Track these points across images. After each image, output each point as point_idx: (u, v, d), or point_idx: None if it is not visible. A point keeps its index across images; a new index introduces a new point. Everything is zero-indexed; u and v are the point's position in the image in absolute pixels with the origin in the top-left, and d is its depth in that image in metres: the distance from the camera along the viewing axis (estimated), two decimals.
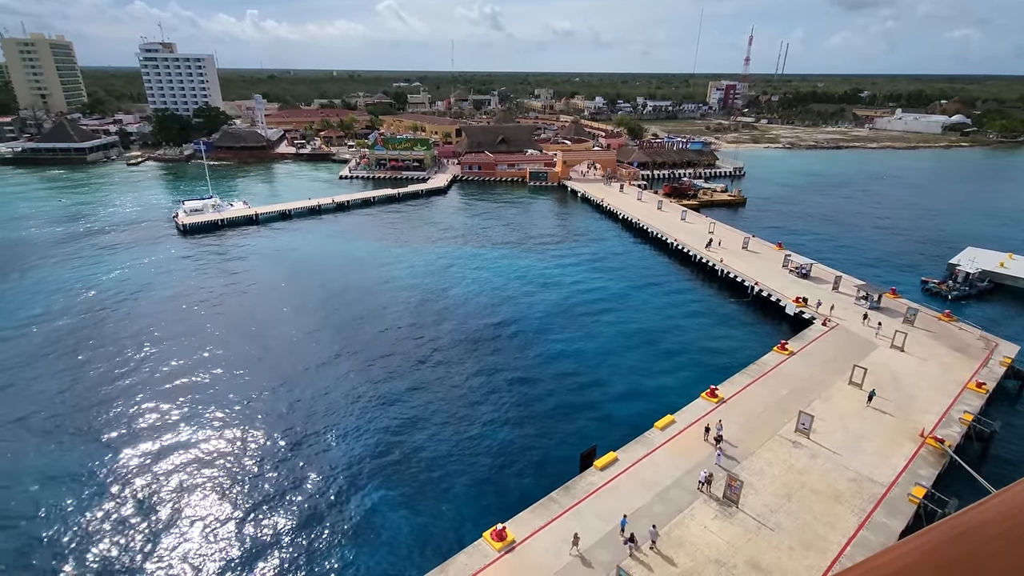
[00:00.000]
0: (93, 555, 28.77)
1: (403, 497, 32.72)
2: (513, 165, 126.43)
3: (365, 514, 31.50)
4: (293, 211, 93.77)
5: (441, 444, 37.30)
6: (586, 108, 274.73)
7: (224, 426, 39.28)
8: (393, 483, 33.80)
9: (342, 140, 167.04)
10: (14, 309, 56.74)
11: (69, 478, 33.92)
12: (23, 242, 78.02)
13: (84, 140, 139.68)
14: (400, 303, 59.36)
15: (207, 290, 62.61)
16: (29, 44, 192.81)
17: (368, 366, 46.84)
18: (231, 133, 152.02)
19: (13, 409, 40.31)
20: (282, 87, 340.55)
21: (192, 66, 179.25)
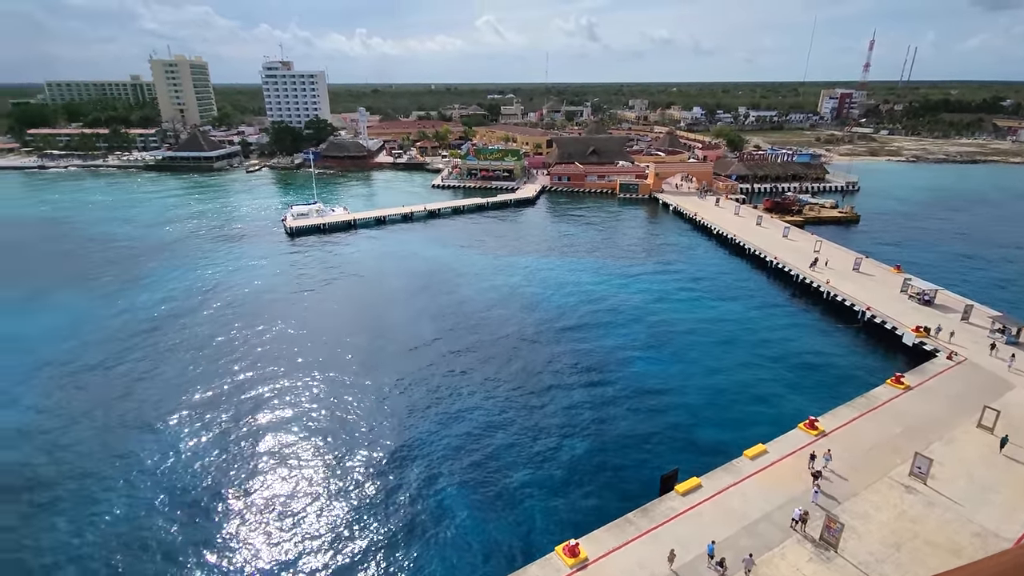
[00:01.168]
0: (180, 521, 31.34)
1: (475, 500, 32.83)
2: (603, 176, 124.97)
3: (437, 513, 31.94)
4: (387, 217, 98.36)
5: (517, 452, 37.11)
6: (682, 119, 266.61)
7: (312, 415, 41.55)
8: (467, 485, 34.03)
9: (436, 150, 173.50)
10: (150, 297, 63.74)
11: (175, 446, 37.32)
12: (160, 238, 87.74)
13: (212, 149, 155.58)
14: (482, 309, 60.16)
15: (307, 289, 66.96)
16: (173, 65, 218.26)
17: (449, 370, 47.75)
18: (336, 143, 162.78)
19: (136, 385, 45.11)
20: (384, 100, 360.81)
21: (306, 82, 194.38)
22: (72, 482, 34.51)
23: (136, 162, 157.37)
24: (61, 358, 49.40)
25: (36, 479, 34.77)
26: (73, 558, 29.12)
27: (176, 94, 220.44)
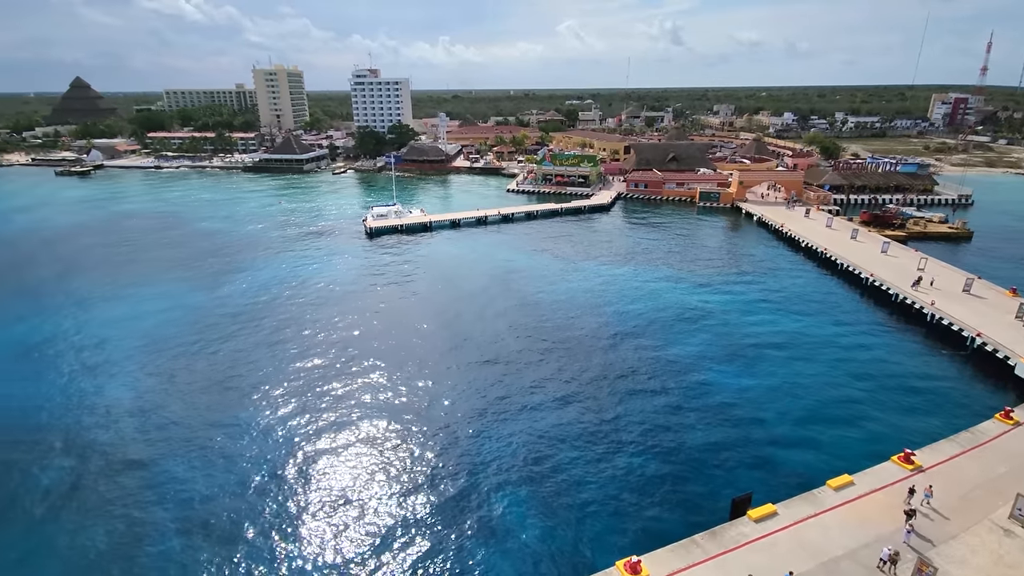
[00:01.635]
0: (252, 503, 33.12)
1: (537, 506, 32.48)
2: (682, 184, 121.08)
3: (497, 517, 31.84)
4: (462, 220, 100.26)
5: (581, 460, 36.45)
6: (771, 125, 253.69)
7: (382, 407, 42.84)
8: (528, 491, 33.75)
9: (513, 155, 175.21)
10: (242, 286, 68.52)
11: (246, 430, 39.64)
12: (252, 235, 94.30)
13: (303, 152, 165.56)
14: (553, 314, 59.78)
15: (383, 286, 69.43)
16: (272, 74, 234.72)
17: (516, 373, 47.73)
18: (416, 147, 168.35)
19: (222, 370, 48.47)
20: (463, 106, 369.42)
21: (391, 88, 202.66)
22: (160, 458, 37.48)
23: (237, 163, 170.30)
24: (162, 339, 54.04)
25: (128, 453, 38.08)
26: (149, 533, 31.58)
27: (274, 101, 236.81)
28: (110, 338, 54.73)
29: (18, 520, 32.03)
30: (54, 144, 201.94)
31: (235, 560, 29.27)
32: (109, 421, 41.36)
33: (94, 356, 51.28)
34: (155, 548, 30.02)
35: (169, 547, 30.07)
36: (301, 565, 29.04)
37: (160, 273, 74.18)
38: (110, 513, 32.46)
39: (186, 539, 30.57)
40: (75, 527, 31.47)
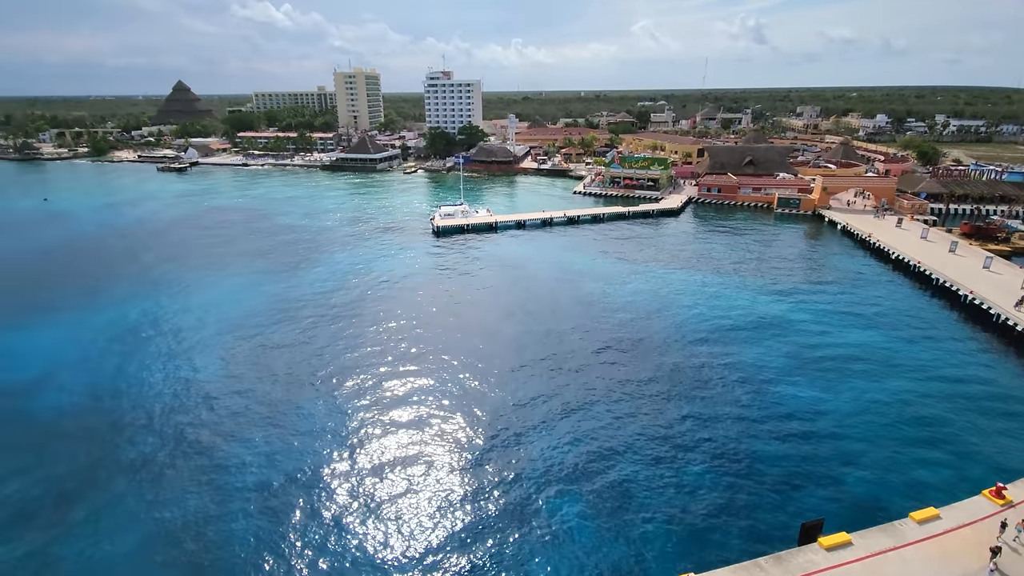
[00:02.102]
0: (310, 491, 34.38)
1: (592, 514, 31.89)
2: (759, 189, 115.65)
3: (552, 523, 31.48)
4: (527, 221, 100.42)
5: (641, 470, 35.48)
6: (861, 128, 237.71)
7: (443, 404, 43.47)
8: (587, 497, 33.19)
9: (581, 157, 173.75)
10: (316, 277, 71.84)
11: (320, 413, 41.29)
12: (327, 230, 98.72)
13: (377, 152, 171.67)
14: (616, 318, 58.63)
15: (448, 284, 70.65)
16: (351, 77, 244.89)
17: (577, 375, 47.14)
18: (485, 148, 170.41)
19: (296, 356, 50.86)
20: (533, 107, 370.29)
21: (463, 90, 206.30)
22: (235, 435, 39.78)
23: (315, 162, 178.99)
24: (244, 323, 57.49)
25: (207, 429, 40.67)
26: (221, 507, 33.50)
27: (352, 102, 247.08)
28: (199, 321, 58.88)
29: (105, 488, 34.94)
30: (157, 142, 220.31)
31: (296, 540, 30.58)
32: (192, 398, 44.44)
33: (183, 337, 55.32)
34: (225, 524, 31.86)
35: (237, 523, 31.82)
36: (355, 548, 29.93)
37: (244, 263, 79.11)
38: (185, 487, 34.78)
39: (253, 516, 32.25)
40: (154, 498, 33.94)
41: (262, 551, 29.94)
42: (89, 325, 58.27)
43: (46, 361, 50.94)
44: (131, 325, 58.36)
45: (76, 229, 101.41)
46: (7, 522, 32.31)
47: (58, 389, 46.23)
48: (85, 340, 54.82)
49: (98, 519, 32.44)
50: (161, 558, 29.71)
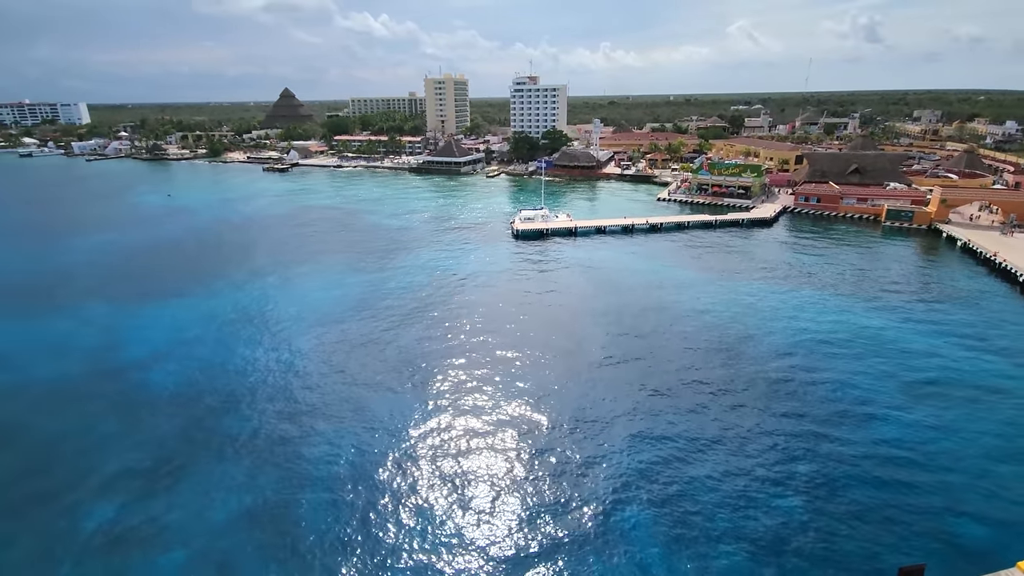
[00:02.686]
0: (377, 485, 34.68)
1: (665, 539, 30.00)
2: (865, 200, 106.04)
3: (621, 537, 30.07)
4: (608, 227, 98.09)
5: (716, 491, 33.18)
6: (989, 135, 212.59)
7: (515, 405, 42.85)
8: (657, 520, 31.31)
9: (666, 163, 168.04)
10: (398, 276, 73.93)
11: (395, 407, 41.94)
12: (412, 229, 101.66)
13: (462, 156, 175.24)
14: (694, 332, 55.44)
15: (524, 287, 70.17)
16: (441, 83, 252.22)
17: (651, 389, 44.88)
18: (568, 153, 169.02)
19: (379, 348, 52.23)
20: (619, 112, 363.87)
21: (548, 95, 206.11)
22: (322, 418, 41.27)
23: (403, 165, 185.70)
24: (333, 315, 60.08)
25: (297, 410, 42.49)
26: (305, 483, 34.65)
27: (440, 107, 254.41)
28: (294, 312, 62.28)
29: (203, 459, 37.40)
30: (264, 145, 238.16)
31: (367, 524, 31.12)
32: (284, 383, 46.95)
33: (280, 326, 58.74)
34: (300, 506, 33.08)
35: (311, 506, 32.97)
36: (417, 542, 29.89)
37: (335, 259, 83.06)
38: (270, 466, 36.52)
39: (326, 501, 33.23)
40: (243, 473, 35.99)
41: (331, 535, 30.81)
42: (200, 309, 63.46)
43: (163, 340, 55.91)
44: (235, 311, 62.80)
45: (193, 222, 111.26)
46: (117, 480, 35.59)
47: (171, 365, 50.64)
48: (196, 322, 59.72)
49: (195, 487, 34.92)
50: (244, 532, 31.35)
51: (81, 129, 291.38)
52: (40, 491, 35.03)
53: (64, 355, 53.19)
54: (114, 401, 45.21)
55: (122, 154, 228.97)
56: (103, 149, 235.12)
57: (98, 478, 36.09)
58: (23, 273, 79.24)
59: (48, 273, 78.92)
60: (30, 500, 34.29)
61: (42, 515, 33.12)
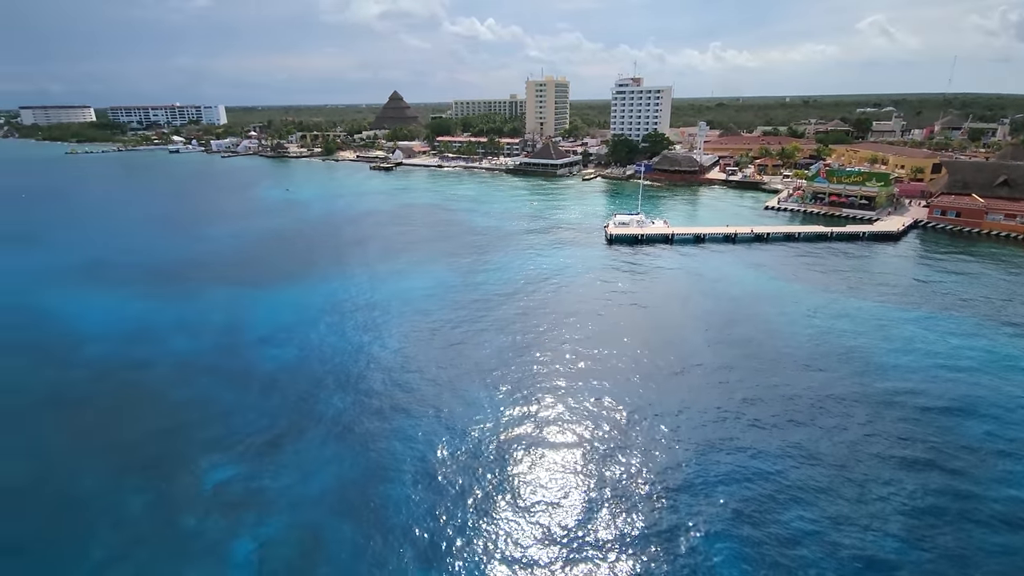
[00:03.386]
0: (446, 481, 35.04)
1: (755, 567, 27.81)
2: (1014, 216, 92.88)
3: (709, 570, 28.20)
4: (707, 236, 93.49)
5: (817, 534, 30.41)
6: None
7: (595, 416, 41.88)
8: (750, 553, 29.12)
9: (778, 169, 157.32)
10: (488, 276, 75.13)
11: (475, 405, 42.47)
12: (504, 230, 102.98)
13: (559, 158, 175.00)
14: (799, 352, 51.18)
15: (614, 293, 68.56)
16: (542, 85, 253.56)
17: (746, 411, 42.00)
18: (669, 157, 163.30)
19: (465, 345, 53.27)
20: (727, 114, 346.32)
21: (651, 97, 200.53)
22: (406, 410, 42.79)
23: (500, 166, 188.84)
24: (425, 310, 62.30)
25: (385, 400, 44.37)
26: (389, 471, 35.97)
27: (540, 109, 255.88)
28: (390, 304, 65.37)
29: (304, 433, 40.12)
30: (372, 144, 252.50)
31: (443, 513, 31.76)
32: (377, 370, 49.40)
33: (376, 316, 61.90)
34: (386, 488, 34.50)
35: (396, 489, 34.22)
36: (489, 539, 29.97)
37: (430, 255, 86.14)
38: (361, 447, 38.43)
39: (408, 486, 34.32)
40: (338, 450, 38.23)
41: (411, 520, 31.93)
42: (309, 297, 68.34)
43: (275, 323, 60.79)
44: (339, 300, 66.99)
45: (305, 215, 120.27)
46: (233, 446, 39.14)
47: (281, 347, 54.94)
48: (304, 309, 64.38)
49: (296, 460, 37.65)
50: (335, 507, 33.25)
51: (219, 129, 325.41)
52: (171, 450, 39.25)
53: (194, 332, 59.32)
54: (233, 376, 49.70)
55: (251, 151, 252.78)
56: (236, 147, 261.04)
57: (217, 443, 39.81)
58: (166, 258, 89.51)
59: (185, 259, 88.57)
60: (163, 457, 38.49)
61: (172, 471, 37.06)
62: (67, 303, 68.41)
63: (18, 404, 45.99)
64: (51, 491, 35.77)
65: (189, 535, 31.88)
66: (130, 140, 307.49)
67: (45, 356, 54.34)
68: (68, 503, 34.59)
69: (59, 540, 31.79)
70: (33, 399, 46.58)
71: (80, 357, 53.87)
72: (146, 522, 32.97)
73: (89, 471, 37.44)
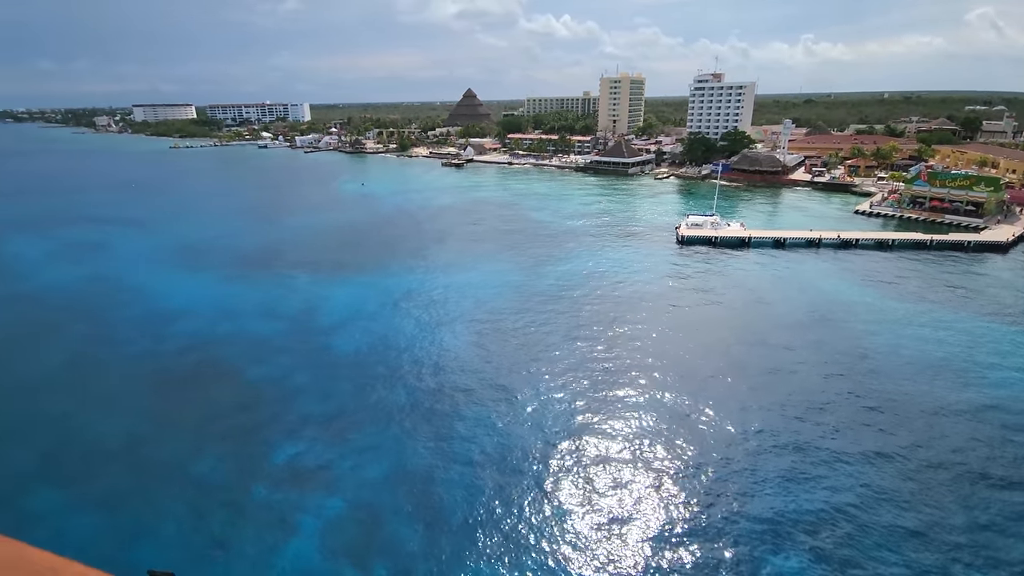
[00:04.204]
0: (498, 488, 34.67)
1: None
2: None
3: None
4: (788, 240, 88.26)
5: (892, 553, 27.49)
6: None
7: (661, 425, 40.40)
8: (817, 564, 27.06)
9: (872, 171, 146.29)
10: (555, 275, 74.53)
11: (540, 401, 42.04)
12: (571, 228, 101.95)
13: (631, 156, 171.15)
14: (887, 369, 47.12)
15: (683, 297, 66.11)
16: (616, 82, 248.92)
17: (825, 430, 39.13)
18: (749, 156, 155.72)
19: (528, 343, 53.01)
20: (816, 111, 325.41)
21: (733, 93, 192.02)
22: (470, 401, 43.12)
23: (570, 163, 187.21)
24: (490, 306, 62.65)
25: (449, 390, 44.91)
26: (452, 459, 36.28)
27: (613, 107, 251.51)
28: (456, 298, 66.23)
29: (374, 420, 41.31)
30: (444, 141, 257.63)
31: (500, 507, 31.61)
32: (443, 363, 50.06)
33: (442, 309, 62.85)
34: (452, 470, 34.86)
35: (461, 475, 34.50)
36: (548, 536, 29.48)
37: (496, 251, 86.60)
38: (428, 433, 39.02)
39: (473, 473, 34.47)
40: (404, 436, 38.97)
41: (467, 511, 31.93)
42: (378, 287, 70.50)
43: (346, 311, 63.14)
44: (406, 291, 68.67)
45: (379, 208, 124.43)
46: (302, 424, 40.90)
47: (352, 333, 56.93)
48: (373, 298, 66.49)
49: (360, 442, 38.77)
50: (394, 491, 33.92)
51: (303, 125, 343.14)
52: (246, 424, 41.54)
53: (272, 314, 62.65)
54: (306, 358, 52.02)
55: (331, 147, 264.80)
56: (317, 143, 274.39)
57: (289, 420, 41.76)
58: (250, 245, 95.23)
59: (267, 246, 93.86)
60: (238, 430, 40.82)
61: (246, 443, 39.22)
62: (165, 282, 74.26)
63: (121, 370, 50.32)
64: (144, 450, 38.79)
65: (260, 504, 33.54)
66: (225, 136, 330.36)
67: (144, 328, 59.19)
68: (158, 463, 37.37)
69: (149, 495, 34.39)
70: (133, 366, 50.82)
71: (173, 331, 58.28)
72: (223, 488, 35.01)
73: (176, 436, 40.30)
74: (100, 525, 32.31)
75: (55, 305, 66.82)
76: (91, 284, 74.23)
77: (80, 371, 50.53)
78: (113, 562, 28.04)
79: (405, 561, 29.42)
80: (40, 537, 29.19)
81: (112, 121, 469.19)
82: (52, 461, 37.85)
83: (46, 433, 40.85)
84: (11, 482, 35.83)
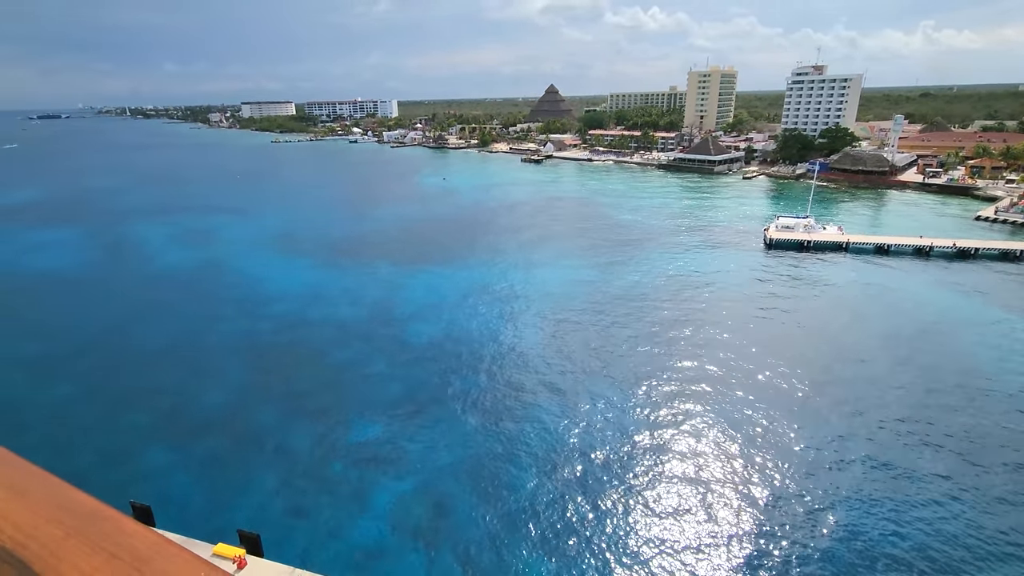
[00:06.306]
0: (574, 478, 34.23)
1: None
2: None
3: None
4: (893, 246, 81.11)
5: None
6: None
7: (729, 440, 38.57)
8: None
9: (999, 172, 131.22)
10: (630, 276, 73.07)
11: (606, 402, 41.39)
12: (649, 228, 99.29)
13: (718, 154, 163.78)
14: (1001, 396, 42.13)
15: (769, 304, 62.56)
16: (706, 76, 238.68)
17: (911, 455, 35.71)
18: (851, 155, 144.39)
19: (599, 341, 52.32)
20: (935, 106, 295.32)
21: (836, 87, 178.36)
22: (537, 398, 43.29)
23: (652, 161, 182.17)
24: (562, 303, 62.50)
25: (515, 383, 45.30)
26: (511, 452, 36.60)
27: (701, 102, 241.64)
28: (528, 294, 66.67)
29: (443, 407, 42.56)
30: (525, 137, 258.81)
31: (567, 505, 31.54)
32: (512, 357, 50.60)
33: (514, 304, 63.45)
34: (518, 464, 35.21)
35: (526, 470, 34.76)
36: (615, 544, 29.02)
37: (570, 249, 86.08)
38: (497, 426, 39.66)
39: (538, 470, 34.65)
40: (474, 427, 39.83)
41: (534, 504, 31.96)
42: (454, 280, 72.29)
43: (424, 301, 65.25)
44: (483, 285, 69.94)
45: (458, 202, 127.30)
46: (378, 408, 42.81)
47: (429, 323, 58.79)
48: (450, 290, 68.25)
49: (431, 429, 40.09)
50: (462, 479, 34.74)
51: (390, 121, 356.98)
52: (326, 404, 44.04)
53: (356, 301, 65.89)
54: (384, 344, 54.30)
55: (416, 142, 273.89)
56: (403, 138, 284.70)
57: (365, 403, 43.82)
58: (339, 235, 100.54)
59: (354, 236, 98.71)
60: (319, 410, 43.34)
61: (326, 422, 41.59)
62: (262, 267, 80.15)
63: (225, 345, 54.98)
64: (240, 420, 42.17)
65: (338, 479, 35.48)
66: (320, 131, 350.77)
67: (243, 309, 64.23)
68: (251, 432, 40.50)
69: (243, 462, 37.36)
70: (235, 343, 55.37)
71: (267, 312, 62.83)
72: (306, 460, 37.34)
73: (268, 409, 43.45)
74: (199, 485, 35.49)
75: (172, 285, 74.02)
76: (202, 267, 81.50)
77: (192, 345, 55.71)
78: (207, 520, 30.82)
79: (469, 548, 30.04)
80: (146, 491, 32.55)
81: (223, 117, 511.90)
82: (165, 423, 42.04)
83: (162, 399, 45.41)
84: (131, 440, 40.17)
